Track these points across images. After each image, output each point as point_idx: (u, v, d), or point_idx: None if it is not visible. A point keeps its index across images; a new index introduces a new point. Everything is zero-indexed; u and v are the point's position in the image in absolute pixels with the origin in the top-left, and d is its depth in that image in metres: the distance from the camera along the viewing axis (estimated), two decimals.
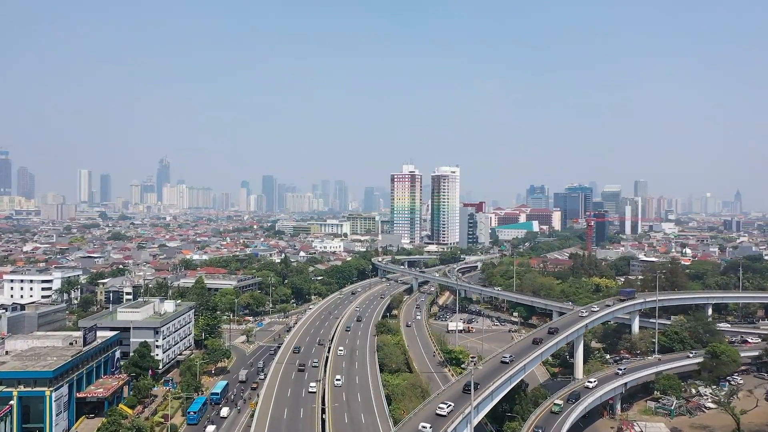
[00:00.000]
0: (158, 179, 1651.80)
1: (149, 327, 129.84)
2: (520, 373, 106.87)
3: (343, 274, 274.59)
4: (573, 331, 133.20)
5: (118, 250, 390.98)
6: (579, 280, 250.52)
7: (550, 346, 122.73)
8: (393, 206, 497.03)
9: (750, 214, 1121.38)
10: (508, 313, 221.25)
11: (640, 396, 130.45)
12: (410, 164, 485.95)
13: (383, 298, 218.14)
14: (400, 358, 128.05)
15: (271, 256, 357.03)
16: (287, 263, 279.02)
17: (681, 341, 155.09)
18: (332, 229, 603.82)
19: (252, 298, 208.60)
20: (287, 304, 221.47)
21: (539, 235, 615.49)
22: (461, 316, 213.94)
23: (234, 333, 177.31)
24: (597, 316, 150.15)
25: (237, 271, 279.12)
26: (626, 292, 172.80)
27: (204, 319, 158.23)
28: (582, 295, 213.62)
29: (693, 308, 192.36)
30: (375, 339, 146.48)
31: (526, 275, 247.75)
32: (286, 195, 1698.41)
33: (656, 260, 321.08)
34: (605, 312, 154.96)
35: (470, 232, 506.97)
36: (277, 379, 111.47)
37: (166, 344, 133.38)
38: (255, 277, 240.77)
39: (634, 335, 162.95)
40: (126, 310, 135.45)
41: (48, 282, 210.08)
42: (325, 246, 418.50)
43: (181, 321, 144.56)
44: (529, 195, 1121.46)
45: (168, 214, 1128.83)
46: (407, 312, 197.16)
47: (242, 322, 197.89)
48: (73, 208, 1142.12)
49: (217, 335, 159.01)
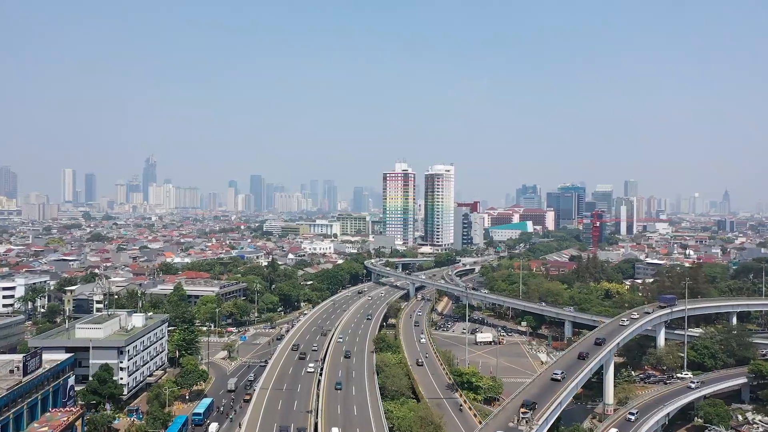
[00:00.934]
0: (144, 179, 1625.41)
1: (112, 346, 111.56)
2: (572, 392, 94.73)
3: (334, 278, 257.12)
4: (615, 344, 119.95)
5: (96, 253, 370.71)
6: (586, 285, 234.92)
7: (599, 359, 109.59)
8: (385, 206, 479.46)
9: (739, 214, 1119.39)
10: (513, 321, 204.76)
11: (679, 424, 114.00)
12: (403, 162, 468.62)
13: (379, 306, 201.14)
14: (403, 381, 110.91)
15: (258, 258, 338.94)
16: (275, 267, 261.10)
17: (712, 356, 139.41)
18: (322, 230, 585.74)
19: (236, 306, 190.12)
20: (274, 313, 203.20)
21: (534, 235, 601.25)
22: (464, 326, 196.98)
23: (215, 346, 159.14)
24: (640, 324, 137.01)
25: (221, 275, 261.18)
26: (666, 299, 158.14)
27: (180, 333, 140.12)
28: (594, 302, 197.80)
29: (713, 317, 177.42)
30: (374, 357, 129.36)
31: (532, 280, 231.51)
32: (275, 195, 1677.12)
33: (662, 263, 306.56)
34: (645, 321, 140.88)
35: (465, 232, 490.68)
36: (261, 411, 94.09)
37: (133, 366, 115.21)
38: (239, 282, 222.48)
39: (659, 349, 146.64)
40: (85, 326, 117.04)
41: (10, 289, 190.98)
42: (314, 247, 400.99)
43: (152, 337, 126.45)
44: (520, 195, 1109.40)
45: (154, 214, 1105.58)
46: (406, 322, 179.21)
47: (224, 333, 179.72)
48: (55, 207, 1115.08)
49: (194, 351, 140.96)
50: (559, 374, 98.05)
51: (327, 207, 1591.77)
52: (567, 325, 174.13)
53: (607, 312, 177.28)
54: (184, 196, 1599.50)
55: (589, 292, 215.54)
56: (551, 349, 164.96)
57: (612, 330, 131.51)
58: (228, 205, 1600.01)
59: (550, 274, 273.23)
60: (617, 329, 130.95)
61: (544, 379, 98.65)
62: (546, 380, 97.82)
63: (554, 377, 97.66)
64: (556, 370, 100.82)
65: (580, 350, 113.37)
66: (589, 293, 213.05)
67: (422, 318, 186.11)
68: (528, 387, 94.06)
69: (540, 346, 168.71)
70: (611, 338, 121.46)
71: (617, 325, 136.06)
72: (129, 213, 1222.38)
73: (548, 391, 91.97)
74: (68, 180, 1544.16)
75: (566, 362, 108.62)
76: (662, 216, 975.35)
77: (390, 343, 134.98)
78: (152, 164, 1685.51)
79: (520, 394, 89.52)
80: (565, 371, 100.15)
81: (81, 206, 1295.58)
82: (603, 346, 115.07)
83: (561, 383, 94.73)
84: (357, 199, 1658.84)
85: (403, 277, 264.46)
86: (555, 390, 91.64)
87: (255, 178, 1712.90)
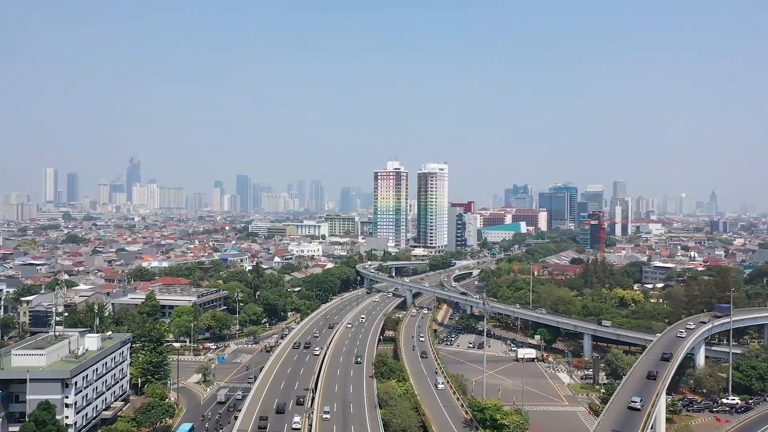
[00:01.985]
0: (128, 178, 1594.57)
1: (54, 378, 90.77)
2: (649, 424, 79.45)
3: (324, 284, 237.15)
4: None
5: (68, 256, 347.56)
6: (598, 291, 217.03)
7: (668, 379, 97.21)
8: (376, 206, 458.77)
9: (725, 215, 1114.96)
10: (522, 333, 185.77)
11: None
12: (395, 161, 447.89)
13: (375, 318, 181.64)
14: (411, 417, 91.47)
15: (242, 262, 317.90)
16: (259, 272, 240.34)
17: (761, 377, 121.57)
18: (309, 231, 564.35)
19: (214, 319, 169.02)
20: (258, 326, 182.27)
21: (527, 236, 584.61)
22: (469, 339, 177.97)
23: (189, 367, 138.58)
24: (704, 330, 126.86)
25: (201, 281, 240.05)
26: (722, 308, 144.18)
27: (145, 355, 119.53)
28: (612, 312, 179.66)
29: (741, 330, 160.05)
30: (374, 385, 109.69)
31: (541, 287, 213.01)
32: (261, 195, 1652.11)
33: (671, 266, 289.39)
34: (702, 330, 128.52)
35: (458, 234, 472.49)
36: None
37: (83, 400, 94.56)
38: (220, 290, 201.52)
39: (699, 369, 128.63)
40: (24, 352, 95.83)
41: None
42: (302, 249, 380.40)
43: (109, 362, 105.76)
44: (512, 195, 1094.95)
45: (137, 215, 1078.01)
46: (407, 339, 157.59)
47: (201, 350, 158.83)
48: (35, 208, 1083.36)
49: (163, 375, 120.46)
50: (638, 402, 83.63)
51: (314, 207, 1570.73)
52: (587, 340, 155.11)
53: (629, 324, 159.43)
54: (168, 196, 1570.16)
55: (602, 300, 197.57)
56: (572, 367, 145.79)
57: (669, 343, 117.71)
58: (213, 206, 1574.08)
59: (555, 278, 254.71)
60: (675, 342, 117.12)
61: (617, 410, 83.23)
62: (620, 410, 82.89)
63: (632, 405, 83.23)
64: (634, 397, 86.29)
65: (650, 369, 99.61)
66: (603, 301, 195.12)
67: (424, 331, 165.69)
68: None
69: (559, 364, 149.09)
70: (676, 352, 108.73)
71: (673, 336, 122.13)
72: (112, 213, 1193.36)
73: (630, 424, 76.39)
74: (49, 179, 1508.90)
75: (634, 384, 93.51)
76: (652, 216, 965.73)
77: (392, 366, 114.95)
78: (136, 164, 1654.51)
79: None
80: (643, 398, 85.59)
81: (63, 206, 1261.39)
82: (669, 362, 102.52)
83: (639, 412, 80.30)
84: (344, 200, 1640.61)
85: (399, 283, 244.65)
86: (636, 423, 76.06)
87: (241, 179, 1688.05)
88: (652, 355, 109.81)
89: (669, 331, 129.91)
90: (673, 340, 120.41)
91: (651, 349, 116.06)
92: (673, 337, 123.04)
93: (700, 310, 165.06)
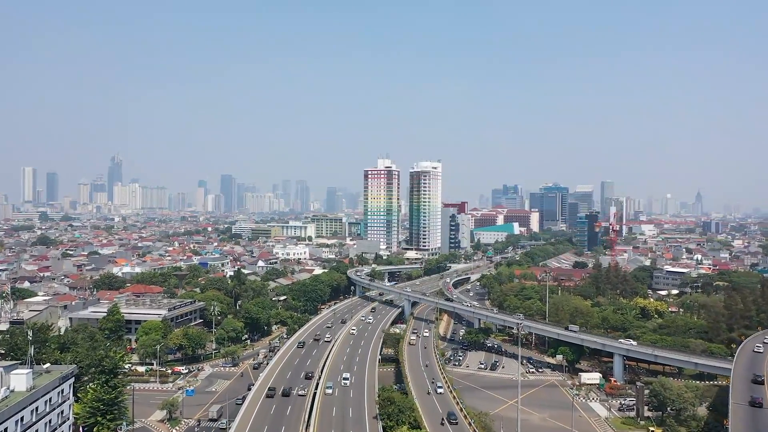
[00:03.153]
0: (109, 178, 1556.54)
1: None
2: None
3: (313, 293, 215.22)
4: None
5: (34, 260, 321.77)
6: (615, 301, 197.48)
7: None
8: (366, 207, 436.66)
9: (711, 215, 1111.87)
10: (537, 350, 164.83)
11: None
12: (386, 159, 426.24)
13: (373, 335, 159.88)
14: None
15: (222, 266, 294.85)
16: (241, 279, 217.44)
17: None
18: (295, 232, 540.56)
19: (186, 337, 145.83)
20: (238, 344, 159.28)
21: (521, 238, 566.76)
22: (479, 357, 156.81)
23: (152, 399, 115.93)
24: None
25: (176, 288, 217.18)
26: None
27: (95, 392, 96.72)
28: (636, 325, 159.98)
29: None
30: (379, 428, 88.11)
31: (555, 296, 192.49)
32: (246, 195, 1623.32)
33: (686, 271, 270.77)
34: None
35: (452, 235, 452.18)
36: None
37: None
38: (196, 301, 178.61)
39: None
40: None
41: None
42: (288, 252, 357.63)
43: (43, 405, 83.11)
44: (501, 195, 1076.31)
45: (118, 215, 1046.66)
46: (412, 362, 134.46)
47: (170, 375, 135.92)
48: (10, 208, 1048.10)
49: (118, 414, 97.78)
50: None
51: (299, 208, 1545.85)
52: (617, 361, 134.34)
53: (664, 342, 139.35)
54: (151, 196, 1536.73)
55: (623, 311, 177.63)
56: (604, 395, 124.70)
57: (749, 362, 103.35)
58: (197, 206, 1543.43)
59: (562, 285, 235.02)
60: (755, 359, 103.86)
61: None
62: None
63: None
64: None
65: (753, 395, 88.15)
66: (624, 313, 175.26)
67: (431, 354, 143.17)
68: None
69: (589, 391, 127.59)
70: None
71: (750, 351, 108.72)
72: (92, 214, 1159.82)
73: None
74: (28, 179, 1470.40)
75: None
76: (641, 217, 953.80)
77: (399, 405, 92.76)
78: (118, 163, 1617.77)
79: None
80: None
81: (42, 207, 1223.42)
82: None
83: None
84: (330, 200, 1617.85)
85: (397, 292, 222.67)
86: None
87: (225, 178, 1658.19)
88: (738, 378, 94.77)
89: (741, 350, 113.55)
90: (749, 357, 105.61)
91: (741, 371, 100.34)
92: (750, 352, 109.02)
93: (743, 325, 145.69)
